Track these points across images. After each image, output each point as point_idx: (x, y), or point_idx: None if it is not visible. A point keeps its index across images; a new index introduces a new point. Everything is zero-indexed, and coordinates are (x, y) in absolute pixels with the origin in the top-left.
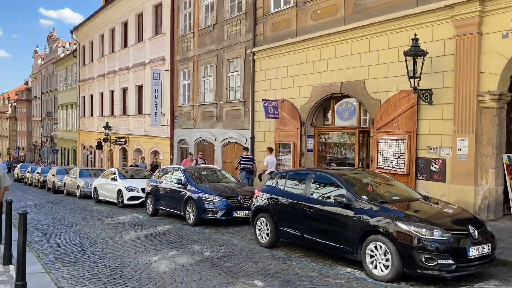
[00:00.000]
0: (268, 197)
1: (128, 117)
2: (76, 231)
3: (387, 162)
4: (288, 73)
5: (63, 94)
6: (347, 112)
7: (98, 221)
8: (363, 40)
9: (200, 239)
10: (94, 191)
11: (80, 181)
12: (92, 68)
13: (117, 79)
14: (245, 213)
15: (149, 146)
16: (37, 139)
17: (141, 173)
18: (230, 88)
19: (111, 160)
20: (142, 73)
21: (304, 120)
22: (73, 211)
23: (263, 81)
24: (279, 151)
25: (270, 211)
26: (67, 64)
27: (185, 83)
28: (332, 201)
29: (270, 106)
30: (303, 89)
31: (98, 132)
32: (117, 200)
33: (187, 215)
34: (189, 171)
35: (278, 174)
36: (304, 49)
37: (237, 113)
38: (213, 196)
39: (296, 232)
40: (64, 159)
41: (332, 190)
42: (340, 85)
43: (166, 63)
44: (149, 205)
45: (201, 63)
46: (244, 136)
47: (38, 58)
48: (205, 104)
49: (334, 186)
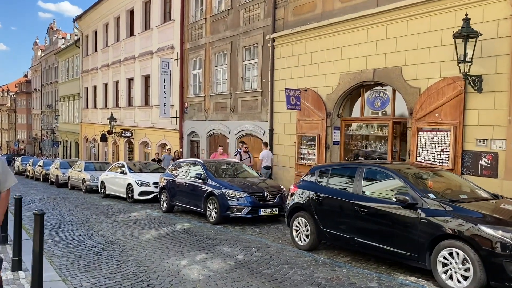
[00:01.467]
0: (307, 195)
1: (134, 108)
2: (87, 229)
3: (428, 155)
4: (312, 60)
5: (64, 85)
6: (379, 102)
7: (110, 217)
8: (399, 22)
9: (228, 239)
10: (101, 185)
11: (86, 174)
12: (95, 58)
13: (122, 69)
14: (271, 210)
15: (157, 139)
16: (37, 132)
17: (150, 166)
18: (246, 77)
19: (115, 153)
20: (149, 63)
21: (330, 110)
22: (80, 206)
23: (284, 69)
24: (301, 144)
25: (310, 210)
26: (69, 55)
27: (196, 72)
28: (391, 199)
29: (292, 96)
30: (329, 77)
31: (102, 124)
32: (127, 195)
33: (208, 212)
34: (207, 164)
35: (319, 169)
36: (331, 33)
37: (253, 104)
38: (237, 192)
39: (343, 234)
40: (66, 152)
41: (390, 187)
42: (373, 72)
43: (176, 52)
44: (163, 201)
45: (213, 51)
46: (261, 128)
47: (38, 50)
48: (218, 94)
49: (392, 182)
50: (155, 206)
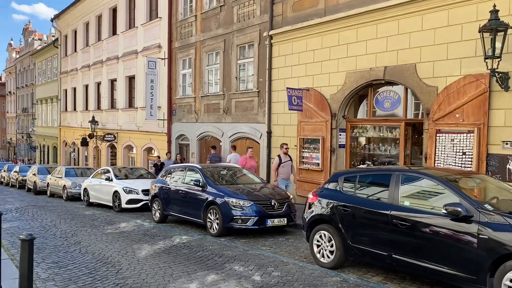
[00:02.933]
0: (331, 205)
1: (117, 111)
2: (74, 243)
3: (448, 159)
4: (314, 58)
5: (42, 87)
6: (389, 102)
7: (97, 229)
8: (413, 17)
9: (237, 256)
10: (84, 192)
11: (67, 181)
12: (75, 59)
13: (104, 70)
14: (280, 221)
15: (142, 143)
16: (12, 136)
17: (136, 172)
18: (241, 77)
19: (97, 158)
20: (133, 63)
21: (335, 111)
22: (62, 216)
23: (283, 68)
24: (303, 147)
25: (335, 223)
26: (46, 56)
27: (186, 72)
28: (439, 211)
29: (294, 96)
30: (334, 76)
31: (82, 128)
32: (113, 204)
33: (208, 224)
34: (205, 170)
35: (343, 175)
36: (335, 29)
37: (249, 105)
38: (242, 201)
39: (378, 251)
40: (43, 157)
41: (434, 196)
42: (384, 70)
43: (163, 51)
44: (155, 210)
45: (205, 50)
46: (258, 130)
47: (13, 52)
48: (210, 95)
49: (437, 191)
50: (145, 216)
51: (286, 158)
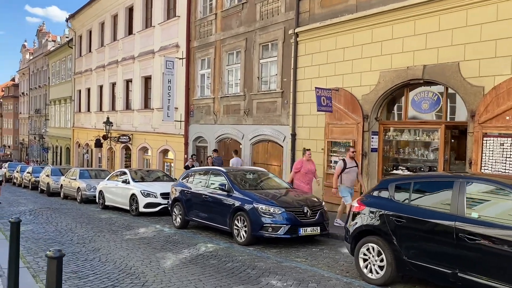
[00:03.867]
0: (381, 215)
1: (132, 112)
2: (93, 250)
3: (496, 165)
4: (344, 57)
5: (55, 88)
6: (427, 103)
7: (116, 235)
8: (456, 12)
9: (271, 268)
10: (100, 195)
11: (81, 183)
12: (90, 59)
13: (119, 70)
14: (313, 229)
15: (158, 144)
16: (24, 137)
17: (153, 174)
18: (263, 77)
19: (111, 160)
20: (150, 63)
21: (367, 113)
22: (78, 220)
23: (309, 67)
24: (331, 150)
25: (386, 235)
26: (60, 56)
27: (204, 72)
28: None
29: (323, 96)
30: (366, 75)
31: (96, 129)
32: (130, 207)
33: (235, 231)
34: (230, 173)
35: (394, 182)
36: (368, 26)
37: (272, 106)
38: (272, 207)
39: (439, 268)
40: (55, 158)
41: (509, 207)
42: (423, 69)
43: (181, 51)
44: (176, 215)
45: (225, 49)
46: (281, 132)
47: (27, 53)
48: (229, 96)
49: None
50: (164, 220)
51: (352, 163)
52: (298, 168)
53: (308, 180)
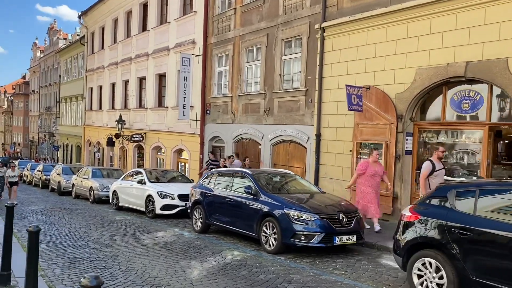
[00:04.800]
0: (440, 226)
1: (145, 110)
2: (111, 257)
3: None
4: (376, 53)
5: (66, 86)
6: (468, 103)
7: (133, 239)
8: (505, 4)
9: (309, 282)
10: (113, 195)
11: (94, 182)
12: (102, 56)
13: (133, 68)
14: (349, 238)
15: (172, 144)
16: (34, 135)
17: (168, 174)
18: (285, 74)
19: (122, 159)
20: (164, 60)
21: (401, 113)
22: (92, 221)
23: (337, 64)
24: (360, 153)
25: (446, 249)
26: (72, 53)
27: (222, 69)
28: None
29: (354, 95)
30: (401, 73)
31: (108, 127)
32: (146, 209)
33: (263, 238)
34: (256, 175)
35: (454, 189)
36: (403, 20)
37: (294, 105)
38: (305, 214)
39: None
40: (66, 156)
41: None
42: (465, 65)
43: (197, 47)
44: (196, 219)
45: (244, 46)
46: (304, 133)
47: (38, 51)
48: (248, 94)
49: None
50: (182, 224)
51: (440, 165)
52: (363, 170)
53: (375, 184)
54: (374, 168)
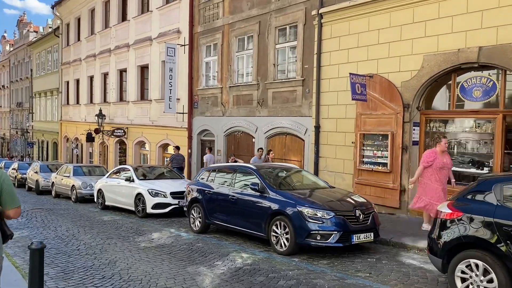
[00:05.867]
0: (488, 224)
1: (127, 104)
2: (108, 264)
3: None
4: (379, 39)
5: (40, 80)
6: (479, 90)
7: (128, 242)
8: None
9: (335, 287)
10: (99, 194)
11: (76, 180)
12: (78, 49)
13: (112, 60)
14: (366, 236)
15: (157, 139)
16: (5, 132)
17: (156, 170)
18: (279, 64)
19: (103, 155)
20: (147, 51)
21: (408, 101)
22: (78, 223)
23: (336, 51)
24: (363, 144)
25: (497, 249)
26: (45, 46)
27: (210, 60)
28: None
29: (358, 84)
30: (407, 60)
31: (87, 122)
32: (136, 208)
33: (273, 238)
34: (261, 171)
35: (501, 183)
36: (409, 4)
37: (290, 95)
38: (320, 211)
39: None
40: (42, 153)
41: None
42: (478, 51)
43: (183, 37)
44: (195, 218)
45: (234, 34)
46: (302, 125)
47: (6, 45)
48: (240, 85)
49: None
50: (176, 223)
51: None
52: (430, 162)
53: (443, 178)
54: (442, 159)
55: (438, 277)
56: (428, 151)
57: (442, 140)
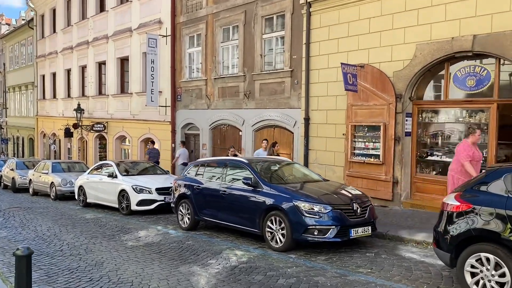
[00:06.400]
0: (500, 216)
1: (107, 97)
2: (95, 265)
3: None
4: (371, 28)
5: (13, 74)
6: (473, 79)
7: (114, 242)
8: None
9: (338, 285)
10: (80, 191)
11: (55, 177)
12: (54, 41)
13: (90, 52)
14: (364, 230)
15: (139, 133)
16: None
17: (138, 166)
18: (267, 54)
19: (82, 151)
20: (127, 42)
21: (401, 92)
22: (60, 222)
23: (325, 41)
24: (355, 136)
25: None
26: (19, 39)
27: (193, 51)
28: None
29: (349, 74)
30: (399, 49)
31: (64, 117)
32: (120, 205)
33: (267, 234)
34: (254, 164)
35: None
36: None
37: (278, 87)
38: (317, 205)
39: None
40: (17, 149)
41: None
42: (472, 39)
43: (164, 27)
44: (183, 215)
45: (218, 24)
46: (290, 117)
47: None
48: (226, 77)
49: None
50: (162, 220)
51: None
52: (471, 155)
53: (477, 172)
54: (477, 151)
55: (441, 271)
56: (463, 145)
57: (477, 131)
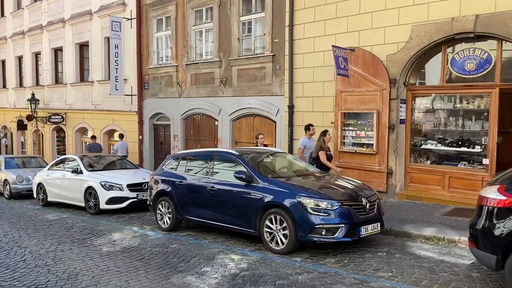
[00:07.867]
0: None
1: (64, 86)
2: (67, 278)
3: None
4: (361, 9)
5: None
6: (472, 63)
7: (86, 247)
8: None
9: None
10: (39, 189)
11: (9, 174)
12: (3, 25)
13: (45, 37)
14: (373, 227)
15: (102, 124)
16: None
17: (104, 160)
18: (245, 38)
19: (37, 144)
20: (86, 26)
21: (395, 77)
22: (18, 225)
23: (311, 23)
24: (344, 124)
25: None
26: None
27: (162, 35)
28: None
29: (341, 57)
30: (392, 31)
31: (16, 108)
32: (87, 203)
33: (266, 235)
34: (245, 156)
35: None
36: None
37: (258, 73)
38: (324, 201)
39: None
40: None
41: None
42: (474, 20)
43: (129, 9)
44: (163, 214)
45: (190, 5)
46: (273, 105)
47: None
48: (199, 62)
49: None
50: (137, 220)
51: None
52: None
53: None
54: None
55: (470, 272)
56: None
57: None
